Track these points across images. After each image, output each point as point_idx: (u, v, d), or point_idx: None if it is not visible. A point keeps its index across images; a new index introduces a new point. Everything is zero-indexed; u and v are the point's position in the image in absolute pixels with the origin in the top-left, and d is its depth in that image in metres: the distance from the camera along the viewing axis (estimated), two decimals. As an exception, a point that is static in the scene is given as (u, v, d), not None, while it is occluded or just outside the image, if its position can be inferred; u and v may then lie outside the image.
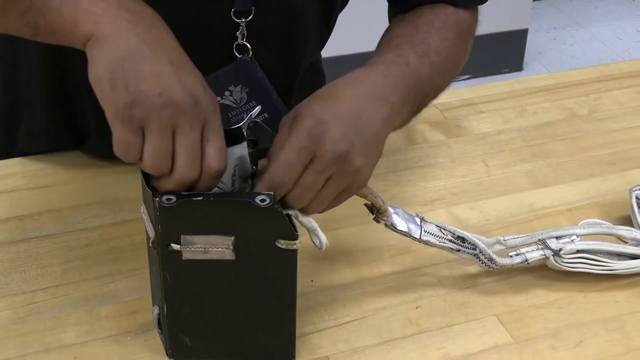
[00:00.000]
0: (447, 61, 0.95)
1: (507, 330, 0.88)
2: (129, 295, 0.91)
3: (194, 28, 0.94)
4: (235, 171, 0.80)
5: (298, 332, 0.86)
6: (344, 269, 0.95)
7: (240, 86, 0.94)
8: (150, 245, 0.79)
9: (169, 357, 0.85)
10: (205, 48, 0.95)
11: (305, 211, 0.80)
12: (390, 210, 0.87)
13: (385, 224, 0.87)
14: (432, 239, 0.89)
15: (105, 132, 0.77)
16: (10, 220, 1.00)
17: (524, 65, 2.98)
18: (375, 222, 0.87)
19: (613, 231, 0.95)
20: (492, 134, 1.17)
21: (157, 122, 0.72)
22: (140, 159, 0.73)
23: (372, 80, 0.85)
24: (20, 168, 1.08)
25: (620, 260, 0.94)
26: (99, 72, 0.73)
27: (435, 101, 1.20)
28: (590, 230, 0.94)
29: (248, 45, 0.96)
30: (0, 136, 1.13)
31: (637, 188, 1.00)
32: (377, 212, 0.86)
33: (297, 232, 0.77)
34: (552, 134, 1.17)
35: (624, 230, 0.95)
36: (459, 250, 0.90)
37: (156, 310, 0.84)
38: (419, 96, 0.90)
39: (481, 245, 0.90)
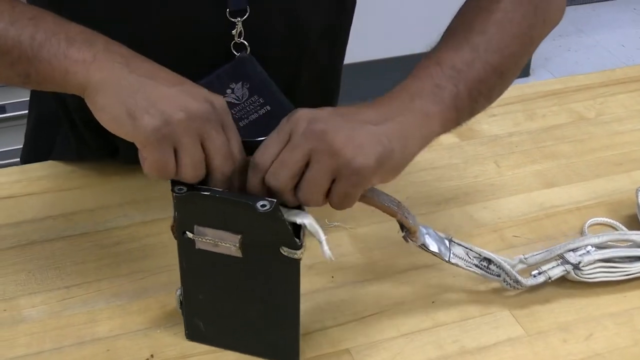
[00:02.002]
0: (501, 34, 0.85)
1: (520, 324, 0.88)
2: (158, 291, 0.91)
3: (192, 30, 0.94)
4: None
5: (320, 325, 0.86)
6: (362, 265, 0.95)
7: (241, 83, 0.94)
8: (170, 229, 0.80)
9: (186, 338, 0.85)
10: (204, 48, 0.94)
11: (301, 199, 0.75)
12: (422, 230, 0.86)
13: (416, 244, 0.86)
14: (460, 262, 0.88)
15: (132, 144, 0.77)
16: (45, 220, 1.00)
17: (531, 71, 2.97)
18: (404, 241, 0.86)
19: (626, 237, 0.94)
20: (503, 136, 1.16)
21: (188, 136, 0.73)
22: (176, 173, 0.75)
23: (387, 97, 0.80)
24: (53, 170, 1.08)
25: (631, 262, 0.93)
26: (113, 113, 0.74)
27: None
28: (605, 238, 0.93)
29: (245, 42, 0.95)
30: (39, 142, 1.14)
31: (644, 188, 1.00)
32: (407, 232, 0.85)
33: (300, 242, 0.76)
34: (560, 136, 1.17)
35: (636, 235, 0.94)
36: (484, 270, 0.90)
37: (178, 291, 0.84)
38: (464, 86, 0.81)
39: (507, 267, 0.89)
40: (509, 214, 1.03)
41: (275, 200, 0.74)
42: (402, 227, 0.85)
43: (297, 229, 0.76)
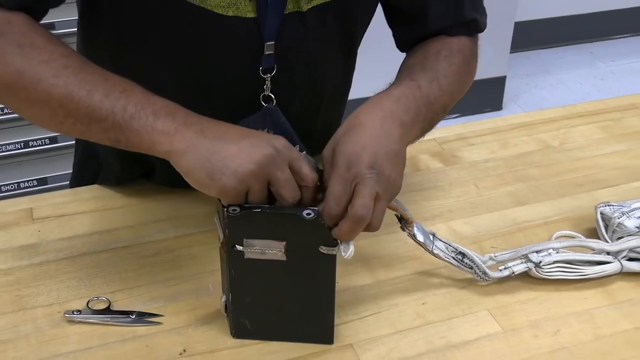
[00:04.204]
0: (454, 83, 0.95)
1: (497, 322, 0.88)
2: (189, 296, 0.91)
3: (230, 85, 0.95)
4: None
5: (327, 324, 0.86)
6: (363, 272, 0.95)
7: (266, 129, 0.95)
8: (220, 245, 0.80)
9: (233, 337, 0.85)
10: (238, 100, 0.95)
11: (371, 228, 0.79)
12: (414, 223, 0.88)
13: (409, 234, 0.88)
14: (440, 254, 0.89)
15: (169, 169, 0.78)
16: (93, 235, 1.00)
17: (503, 106, 2.98)
18: (397, 231, 0.88)
19: (584, 244, 0.95)
20: (481, 162, 1.17)
21: (257, 183, 0.76)
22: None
23: (388, 105, 0.85)
24: (100, 193, 1.09)
25: (589, 266, 0.93)
26: (196, 177, 0.77)
27: (434, 135, 1.21)
28: (565, 244, 0.93)
29: (272, 95, 0.95)
30: (85, 173, 1.14)
31: (601, 205, 1.00)
32: (404, 222, 0.87)
33: (336, 240, 0.78)
34: (530, 162, 1.17)
35: (593, 243, 0.95)
36: (459, 262, 0.90)
37: (224, 298, 0.84)
38: (429, 114, 0.90)
39: (477, 260, 0.90)
40: (487, 228, 1.03)
41: (317, 208, 0.77)
42: (400, 219, 0.87)
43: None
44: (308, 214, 0.76)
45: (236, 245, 0.78)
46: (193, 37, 0.91)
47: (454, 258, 0.90)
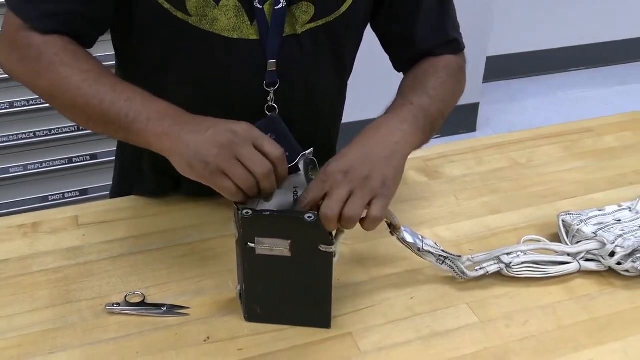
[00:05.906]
0: (444, 92, 0.96)
1: (475, 314, 0.89)
2: (212, 290, 0.91)
3: (238, 96, 0.96)
4: (296, 191, 0.83)
5: (330, 315, 0.87)
6: (360, 271, 0.96)
7: (269, 134, 0.95)
8: (236, 243, 0.81)
9: (246, 320, 0.86)
10: (245, 109, 0.95)
11: (348, 224, 0.79)
12: (402, 228, 0.88)
13: (397, 237, 0.88)
14: (431, 249, 0.90)
15: (193, 182, 0.80)
16: (129, 239, 1.01)
17: (477, 128, 2.98)
18: (390, 236, 0.89)
19: (548, 247, 0.96)
20: (460, 176, 1.17)
21: (224, 162, 0.77)
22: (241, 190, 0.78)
23: (385, 122, 0.88)
24: (135, 203, 1.09)
25: (552, 266, 0.94)
26: (181, 168, 0.80)
27: (420, 154, 1.21)
28: (532, 247, 0.94)
29: (275, 106, 0.96)
30: (123, 186, 1.15)
31: (563, 214, 1.01)
32: (393, 228, 0.87)
33: (334, 240, 0.79)
34: (501, 177, 1.17)
35: (555, 246, 0.96)
36: (442, 263, 0.91)
37: (238, 287, 0.85)
38: (427, 120, 0.91)
39: (457, 262, 0.91)
40: (465, 233, 1.03)
41: (317, 212, 0.78)
42: (390, 225, 0.87)
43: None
44: (309, 217, 0.77)
45: (249, 243, 0.79)
46: (206, 57, 0.93)
47: (443, 251, 0.90)
